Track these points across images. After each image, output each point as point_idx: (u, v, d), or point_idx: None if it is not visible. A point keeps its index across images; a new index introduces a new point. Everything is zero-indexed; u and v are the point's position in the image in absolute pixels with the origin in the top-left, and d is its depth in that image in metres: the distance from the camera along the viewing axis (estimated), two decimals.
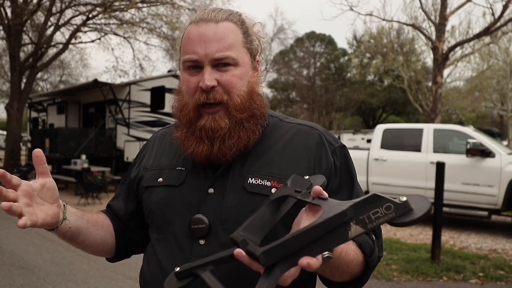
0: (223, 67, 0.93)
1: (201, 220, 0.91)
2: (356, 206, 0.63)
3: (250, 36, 0.98)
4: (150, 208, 1.00)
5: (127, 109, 12.64)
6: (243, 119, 0.94)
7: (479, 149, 6.55)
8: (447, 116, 28.36)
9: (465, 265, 4.75)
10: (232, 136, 0.93)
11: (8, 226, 6.77)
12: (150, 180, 1.02)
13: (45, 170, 0.85)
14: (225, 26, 0.94)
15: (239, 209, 0.91)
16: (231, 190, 0.93)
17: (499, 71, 22.57)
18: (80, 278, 4.30)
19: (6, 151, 13.90)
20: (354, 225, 0.63)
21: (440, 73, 11.94)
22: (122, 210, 1.11)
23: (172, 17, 14.66)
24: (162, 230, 0.97)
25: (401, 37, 22.15)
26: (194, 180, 0.96)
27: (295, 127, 1.03)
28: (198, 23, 0.94)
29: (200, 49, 0.92)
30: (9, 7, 13.16)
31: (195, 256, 0.89)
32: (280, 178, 0.93)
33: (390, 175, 7.51)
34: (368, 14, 13.47)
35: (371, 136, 9.33)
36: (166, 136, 1.11)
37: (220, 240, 0.90)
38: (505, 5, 10.39)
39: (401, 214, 0.61)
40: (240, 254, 0.67)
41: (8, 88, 23.31)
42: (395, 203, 0.62)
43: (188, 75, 0.95)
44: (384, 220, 0.62)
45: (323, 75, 36.10)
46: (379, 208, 0.62)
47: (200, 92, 0.92)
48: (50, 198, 0.85)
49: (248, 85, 0.96)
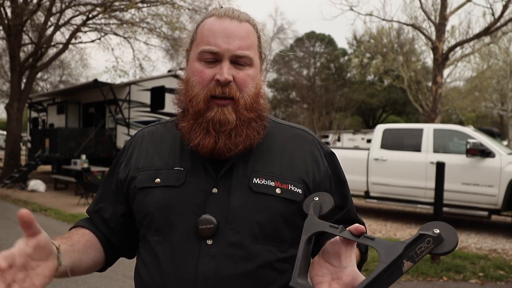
0: (240, 65, 0.94)
1: (209, 220, 0.90)
2: (408, 247, 0.72)
3: (261, 40, 1.01)
4: (147, 210, 0.96)
5: (127, 109, 12.64)
6: (251, 119, 0.95)
7: (479, 149, 6.55)
8: (447, 116, 28.37)
9: (465, 265, 4.75)
10: (239, 134, 0.93)
11: (8, 226, 6.77)
12: (145, 181, 0.98)
13: (36, 230, 0.74)
14: (247, 26, 0.96)
15: (246, 209, 0.92)
16: (236, 190, 0.93)
17: (499, 71, 22.58)
18: (80, 278, 4.30)
19: (6, 151, 13.89)
20: (406, 262, 0.72)
21: (440, 73, 11.93)
22: (110, 214, 1.06)
23: (172, 17, 14.66)
24: (163, 232, 0.94)
25: (401, 37, 22.16)
26: (196, 180, 0.95)
27: (290, 130, 1.06)
28: (222, 17, 0.95)
29: (222, 43, 0.92)
30: (9, 7, 13.15)
31: (204, 256, 0.89)
32: (283, 178, 0.96)
33: (390, 175, 7.50)
34: (368, 14, 13.47)
35: (371, 136, 9.34)
36: (155, 135, 1.07)
37: (228, 239, 0.90)
38: (505, 5, 10.38)
39: (437, 245, 0.72)
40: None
41: (8, 88, 23.32)
42: (432, 237, 0.72)
43: (203, 66, 0.94)
44: (426, 252, 0.72)
45: (323, 75, 36.11)
46: (422, 243, 0.72)
47: (216, 84, 0.92)
48: (45, 255, 0.77)
49: (257, 86, 0.98)
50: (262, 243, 0.91)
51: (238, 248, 0.90)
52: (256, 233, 0.91)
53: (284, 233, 0.94)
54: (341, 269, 0.77)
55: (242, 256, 0.89)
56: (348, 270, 0.76)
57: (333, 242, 0.80)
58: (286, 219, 0.94)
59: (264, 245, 0.92)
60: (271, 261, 0.92)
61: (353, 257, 0.78)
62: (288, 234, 0.95)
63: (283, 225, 0.94)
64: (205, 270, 0.88)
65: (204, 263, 0.89)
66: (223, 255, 0.89)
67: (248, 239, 0.90)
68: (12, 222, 7.15)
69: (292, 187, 0.95)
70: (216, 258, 0.89)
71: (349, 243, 0.78)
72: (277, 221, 0.93)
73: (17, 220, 0.72)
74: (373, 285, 0.70)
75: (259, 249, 0.91)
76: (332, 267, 0.78)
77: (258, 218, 0.91)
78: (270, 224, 0.92)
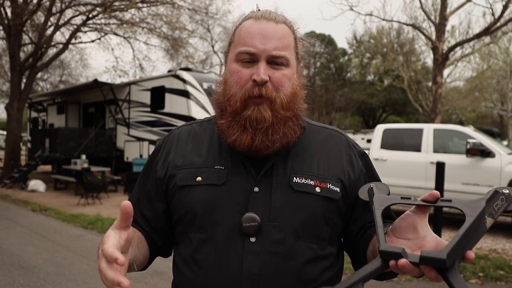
0: (276, 65, 0.96)
1: (253, 218, 0.92)
2: (488, 202, 0.75)
3: (299, 42, 1.04)
4: (189, 208, 0.98)
5: (127, 109, 12.64)
6: (287, 118, 0.97)
7: (479, 149, 6.54)
8: (447, 116, 28.36)
9: (465, 265, 4.75)
10: (277, 132, 0.95)
11: (8, 226, 6.77)
12: (186, 179, 1.00)
13: (130, 224, 0.78)
14: (283, 28, 0.99)
15: (287, 207, 0.94)
16: (277, 189, 0.96)
17: (499, 71, 22.57)
18: (80, 278, 4.30)
19: (6, 151, 13.88)
20: (487, 218, 0.75)
21: (440, 73, 11.94)
22: (151, 212, 1.07)
23: (172, 17, 14.66)
24: (207, 229, 0.96)
25: (401, 37, 22.17)
26: (237, 179, 0.97)
27: (324, 131, 1.10)
28: (259, 19, 0.98)
29: (259, 44, 0.95)
30: (9, 7, 13.15)
31: (248, 253, 0.91)
32: (321, 177, 0.99)
33: (390, 175, 7.50)
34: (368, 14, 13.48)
35: (371, 136, 9.33)
36: (192, 133, 1.09)
37: (272, 237, 0.92)
38: (505, 5, 10.39)
39: (510, 202, 0.76)
40: (406, 265, 0.71)
41: (8, 88, 23.31)
42: (505, 195, 0.77)
43: (240, 67, 0.97)
44: (503, 209, 0.76)
45: (323, 75, 36.11)
46: (498, 200, 0.76)
47: (253, 84, 0.95)
48: (127, 248, 0.81)
49: (293, 86, 0.99)
50: (304, 240, 0.94)
51: (281, 245, 0.92)
52: (298, 231, 0.94)
53: (324, 231, 0.97)
54: (421, 239, 0.78)
55: (285, 254, 0.92)
56: (428, 237, 0.78)
57: (403, 217, 0.81)
58: (325, 217, 0.97)
59: (306, 243, 0.94)
60: (313, 258, 0.95)
61: (428, 226, 0.80)
62: (327, 232, 0.98)
63: (323, 223, 0.97)
64: (250, 267, 0.91)
65: (249, 260, 0.91)
66: (267, 253, 0.91)
67: (291, 237, 0.93)
68: (12, 222, 7.15)
69: (330, 186, 0.98)
70: (260, 256, 0.91)
71: (423, 213, 0.80)
72: (317, 219, 0.96)
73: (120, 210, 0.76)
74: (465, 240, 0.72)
75: (301, 246, 0.94)
76: (408, 241, 0.79)
77: (300, 216, 0.94)
78: (311, 222, 0.95)
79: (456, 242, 0.70)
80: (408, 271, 0.72)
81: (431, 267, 0.71)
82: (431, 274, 0.72)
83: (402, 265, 0.71)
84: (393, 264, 0.72)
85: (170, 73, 11.37)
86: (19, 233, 6.29)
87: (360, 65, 31.33)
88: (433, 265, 0.71)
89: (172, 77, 11.03)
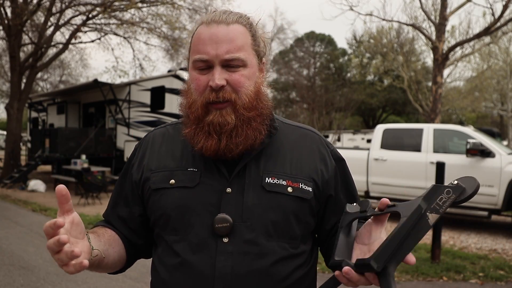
0: (232, 68, 0.96)
1: (225, 219, 0.93)
2: (426, 198, 0.76)
3: (257, 38, 1.01)
4: (163, 210, 0.99)
5: (127, 109, 12.63)
6: (251, 118, 0.97)
7: (479, 149, 6.54)
8: (447, 116, 28.36)
9: (465, 265, 4.75)
10: (239, 134, 0.95)
11: (8, 226, 6.77)
12: (160, 181, 1.01)
13: (70, 207, 0.82)
14: (236, 28, 0.97)
15: (260, 207, 0.95)
16: (249, 189, 0.97)
17: (499, 71, 22.56)
18: (80, 278, 4.30)
19: (6, 151, 13.88)
20: (430, 214, 0.75)
21: (440, 73, 11.94)
22: (128, 215, 1.08)
23: (172, 17, 14.66)
24: (180, 231, 0.97)
25: (401, 37, 22.14)
26: (210, 180, 0.98)
27: (298, 130, 1.10)
28: (209, 24, 0.97)
29: (211, 50, 0.94)
30: (9, 7, 13.15)
31: (221, 254, 0.93)
32: (294, 177, 0.99)
33: (390, 175, 7.50)
34: (368, 14, 13.48)
35: (371, 136, 9.33)
36: (166, 136, 1.10)
37: (244, 237, 0.94)
38: (505, 5, 10.39)
39: (459, 194, 0.76)
40: (349, 271, 0.76)
41: (8, 88, 23.32)
42: (451, 187, 0.76)
43: (198, 74, 0.97)
44: (451, 202, 0.76)
45: (323, 75, 36.08)
46: (441, 194, 0.76)
47: (210, 90, 0.95)
48: (80, 233, 0.84)
49: (255, 85, 0.99)
50: (275, 240, 0.95)
51: (254, 245, 0.94)
52: (270, 231, 0.95)
53: (296, 230, 0.98)
54: (371, 244, 0.85)
55: (257, 253, 0.94)
56: (376, 242, 0.84)
57: (365, 224, 0.89)
58: (297, 217, 0.98)
59: (278, 242, 0.96)
60: (285, 257, 0.96)
61: (383, 232, 0.86)
62: (300, 231, 0.99)
63: (295, 222, 0.97)
64: (223, 267, 0.92)
65: (221, 261, 0.92)
66: (239, 252, 0.93)
67: (263, 237, 0.94)
68: (12, 222, 7.15)
69: (302, 185, 0.99)
70: (233, 255, 0.93)
71: (379, 220, 0.86)
72: (289, 218, 0.97)
73: (56, 194, 0.80)
74: (395, 242, 0.73)
75: (273, 246, 0.95)
76: (365, 246, 0.86)
77: (272, 216, 0.95)
78: (283, 221, 0.96)
79: (383, 246, 0.72)
80: (355, 280, 0.77)
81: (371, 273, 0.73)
82: (375, 280, 0.75)
83: (346, 272, 0.76)
84: (338, 274, 0.77)
85: (170, 73, 11.36)
86: (19, 233, 6.29)
87: (360, 65, 31.32)
88: (364, 270, 0.73)
89: (172, 77, 11.02)
